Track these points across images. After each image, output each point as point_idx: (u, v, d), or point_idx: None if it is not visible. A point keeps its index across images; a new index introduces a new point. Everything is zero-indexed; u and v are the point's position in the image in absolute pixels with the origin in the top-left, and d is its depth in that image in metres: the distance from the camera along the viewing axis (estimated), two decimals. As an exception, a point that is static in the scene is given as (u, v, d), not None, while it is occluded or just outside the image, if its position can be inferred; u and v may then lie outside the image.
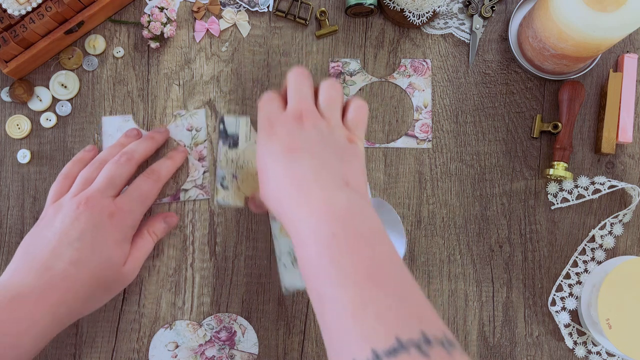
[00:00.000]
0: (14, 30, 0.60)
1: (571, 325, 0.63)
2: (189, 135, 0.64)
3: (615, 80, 0.63)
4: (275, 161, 0.49)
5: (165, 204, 0.64)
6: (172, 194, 0.64)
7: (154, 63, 0.66)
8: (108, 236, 0.54)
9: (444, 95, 0.66)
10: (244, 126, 0.62)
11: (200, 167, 0.64)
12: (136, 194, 0.57)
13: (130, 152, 0.59)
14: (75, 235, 0.53)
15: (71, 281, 0.52)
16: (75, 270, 0.52)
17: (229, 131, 0.62)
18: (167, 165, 0.61)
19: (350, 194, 0.47)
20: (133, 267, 0.57)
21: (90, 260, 0.53)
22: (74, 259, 0.52)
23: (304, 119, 0.50)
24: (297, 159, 0.48)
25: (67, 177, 0.59)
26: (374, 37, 0.66)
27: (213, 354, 0.63)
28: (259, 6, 0.66)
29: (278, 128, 0.50)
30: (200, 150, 0.64)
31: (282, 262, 0.60)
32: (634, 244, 0.64)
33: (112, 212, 0.55)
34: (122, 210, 0.56)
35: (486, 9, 0.65)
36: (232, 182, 0.62)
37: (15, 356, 0.49)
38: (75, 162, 0.61)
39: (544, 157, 0.65)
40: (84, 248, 0.53)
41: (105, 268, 0.54)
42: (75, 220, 0.54)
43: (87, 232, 0.53)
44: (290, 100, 0.52)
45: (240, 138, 0.62)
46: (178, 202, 0.64)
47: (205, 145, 0.64)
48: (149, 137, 0.62)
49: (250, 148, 0.62)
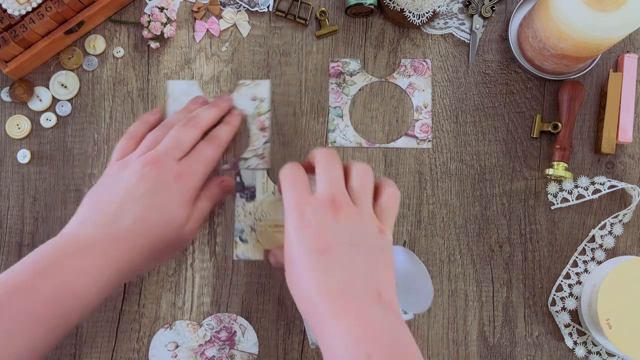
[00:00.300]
0: (14, 30, 0.60)
1: (571, 325, 0.63)
2: (252, 105, 0.65)
3: (615, 80, 0.63)
4: (307, 260, 0.48)
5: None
6: (232, 162, 0.64)
7: (154, 63, 0.66)
8: (173, 197, 0.55)
9: (444, 95, 0.66)
10: (261, 178, 0.63)
11: (261, 136, 0.64)
12: (200, 158, 0.58)
13: (197, 118, 0.59)
14: (141, 193, 0.54)
15: (136, 238, 0.53)
16: (141, 227, 0.53)
17: (245, 183, 0.63)
18: (226, 131, 0.61)
19: (385, 312, 0.47)
20: (193, 228, 0.57)
21: (155, 218, 0.54)
22: (139, 216, 0.53)
23: (338, 209, 0.49)
24: (330, 262, 0.48)
25: (133, 136, 0.59)
26: (374, 37, 0.66)
27: (213, 354, 0.63)
28: (259, 6, 0.66)
29: (310, 216, 0.49)
30: (262, 121, 0.64)
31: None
32: (634, 244, 0.64)
33: (178, 174, 0.55)
34: (187, 173, 0.56)
35: (486, 9, 0.65)
36: (250, 235, 0.63)
37: (77, 306, 0.50)
38: (141, 122, 0.61)
39: (544, 157, 0.65)
40: (149, 206, 0.54)
41: (169, 228, 0.55)
42: (142, 179, 0.54)
43: (153, 191, 0.54)
44: (321, 183, 0.51)
45: (257, 190, 0.63)
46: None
47: (267, 116, 0.65)
48: (215, 105, 0.62)
49: (267, 200, 0.63)
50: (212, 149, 0.59)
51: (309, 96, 0.65)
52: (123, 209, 0.53)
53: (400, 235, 0.64)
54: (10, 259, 0.64)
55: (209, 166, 0.58)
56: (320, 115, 0.65)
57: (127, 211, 0.53)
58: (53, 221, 0.64)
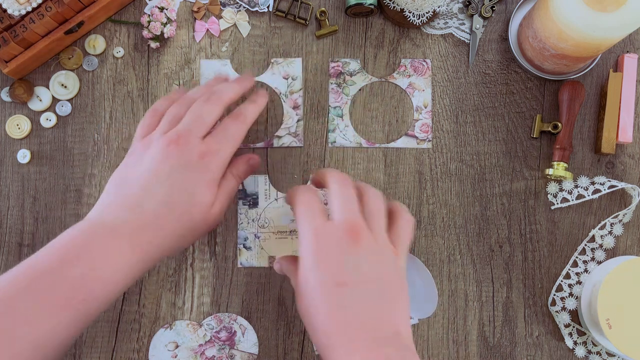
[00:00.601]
0: (14, 30, 0.60)
1: (571, 325, 0.63)
2: (284, 83, 0.65)
3: (615, 80, 0.63)
4: (323, 293, 0.47)
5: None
6: (266, 140, 0.64)
7: (154, 63, 0.66)
8: (198, 176, 0.53)
9: (444, 95, 0.66)
10: (263, 184, 0.63)
11: (294, 115, 0.64)
12: (225, 135, 0.55)
13: (219, 92, 0.57)
14: (166, 174, 0.52)
15: (162, 221, 0.51)
16: (166, 210, 0.51)
17: (247, 190, 0.63)
18: (252, 108, 0.59)
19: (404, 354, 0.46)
20: (220, 208, 0.55)
21: (180, 200, 0.52)
22: (164, 199, 0.52)
23: (357, 237, 0.48)
24: (347, 297, 0.47)
25: (156, 112, 0.57)
26: (374, 37, 0.66)
27: (213, 354, 0.63)
28: (259, 6, 0.66)
29: (328, 246, 0.48)
30: (295, 99, 0.64)
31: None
32: (634, 244, 0.64)
33: (202, 152, 0.53)
34: (211, 151, 0.54)
35: (486, 9, 0.65)
36: (254, 242, 0.63)
37: (103, 291, 0.49)
38: (166, 98, 0.59)
39: (544, 157, 0.65)
40: (174, 187, 0.52)
41: (195, 209, 0.53)
42: (166, 159, 0.52)
43: (178, 171, 0.52)
44: (338, 210, 0.50)
45: (259, 197, 0.63)
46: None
47: (300, 94, 0.65)
48: (237, 81, 0.60)
49: (270, 206, 0.63)
50: (237, 126, 0.56)
51: (309, 96, 0.65)
52: (148, 191, 0.52)
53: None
54: (10, 259, 0.64)
55: (235, 144, 0.56)
56: (320, 115, 0.65)
57: (152, 193, 0.52)
58: (53, 221, 0.64)
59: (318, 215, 0.50)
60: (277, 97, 0.65)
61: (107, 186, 0.54)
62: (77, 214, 0.64)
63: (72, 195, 0.65)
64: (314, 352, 0.63)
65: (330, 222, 0.50)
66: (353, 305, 0.47)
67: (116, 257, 0.49)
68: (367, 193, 0.52)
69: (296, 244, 0.63)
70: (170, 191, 0.52)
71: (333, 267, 0.48)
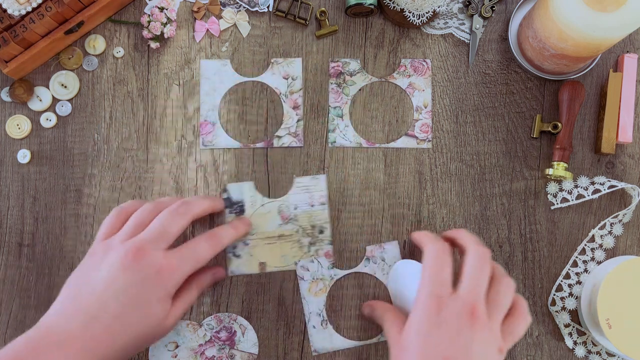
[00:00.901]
0: (14, 30, 0.60)
1: (571, 325, 0.63)
2: (284, 83, 0.65)
3: (615, 80, 0.63)
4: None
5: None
6: (266, 140, 0.64)
7: (154, 63, 0.66)
8: (153, 291, 0.52)
9: (444, 95, 0.66)
10: (248, 192, 0.63)
11: (294, 115, 0.64)
12: (190, 255, 0.55)
13: (189, 204, 0.56)
14: (121, 287, 0.52)
15: (113, 335, 0.51)
16: (118, 325, 0.51)
17: (233, 198, 0.63)
18: (230, 234, 0.59)
19: None
20: (174, 320, 0.55)
21: (133, 316, 0.52)
22: (118, 313, 0.51)
23: (475, 320, 0.50)
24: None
25: (122, 213, 0.57)
26: (374, 37, 0.66)
27: (213, 354, 0.63)
28: (259, 6, 0.66)
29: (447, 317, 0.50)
30: (295, 99, 0.64)
31: (311, 323, 0.62)
32: (634, 244, 0.64)
33: (160, 268, 0.53)
34: (171, 268, 0.53)
35: (486, 9, 0.65)
36: (243, 249, 0.63)
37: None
38: (135, 201, 0.59)
39: (544, 157, 0.65)
40: (128, 303, 0.51)
41: (147, 324, 0.53)
42: (123, 271, 0.52)
43: (133, 285, 0.52)
44: (467, 288, 0.51)
45: (246, 204, 0.63)
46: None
47: (300, 94, 0.65)
48: (212, 199, 0.60)
49: (257, 212, 0.62)
50: (207, 249, 0.56)
51: (309, 96, 0.65)
52: (102, 302, 0.51)
53: (400, 235, 0.64)
54: (10, 259, 0.64)
55: (199, 265, 0.55)
56: (320, 115, 0.65)
57: (106, 305, 0.51)
58: (53, 221, 0.64)
59: (446, 285, 0.52)
60: (277, 97, 0.65)
61: (63, 290, 0.54)
62: (77, 214, 0.64)
63: (72, 195, 0.65)
64: (314, 353, 0.63)
65: (455, 294, 0.51)
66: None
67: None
68: (501, 282, 0.53)
69: (285, 249, 0.63)
70: (124, 306, 0.51)
71: (445, 340, 0.50)
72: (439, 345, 0.50)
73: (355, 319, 0.63)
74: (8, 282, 0.64)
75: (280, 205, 0.63)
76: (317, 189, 0.64)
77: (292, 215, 0.63)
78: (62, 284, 0.63)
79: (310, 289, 0.62)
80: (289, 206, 0.63)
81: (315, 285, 0.63)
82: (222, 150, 0.65)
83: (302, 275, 0.63)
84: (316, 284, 0.63)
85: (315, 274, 0.63)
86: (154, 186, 0.65)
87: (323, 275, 0.63)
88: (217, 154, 0.65)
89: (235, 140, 0.65)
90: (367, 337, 0.63)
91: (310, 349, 0.63)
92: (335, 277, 0.63)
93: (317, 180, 0.64)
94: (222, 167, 0.64)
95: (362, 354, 0.63)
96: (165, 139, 0.65)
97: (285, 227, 0.63)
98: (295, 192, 0.64)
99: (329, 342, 0.62)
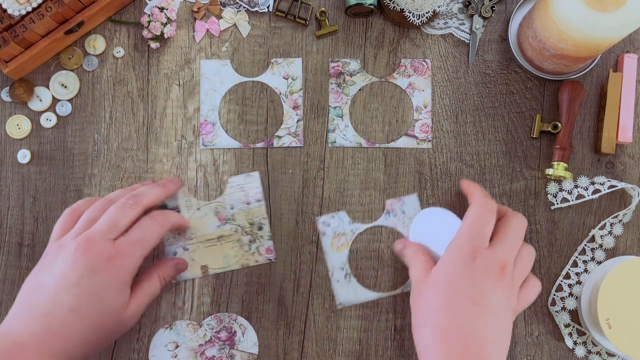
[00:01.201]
0: (14, 30, 0.60)
1: (571, 325, 0.63)
2: (284, 83, 0.65)
3: (615, 80, 0.63)
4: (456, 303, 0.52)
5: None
6: (266, 140, 0.64)
7: (154, 63, 0.66)
8: (106, 281, 0.52)
9: (444, 95, 0.66)
10: (183, 197, 0.63)
11: (294, 115, 0.64)
12: (138, 237, 0.55)
13: (138, 196, 0.57)
14: (73, 281, 0.51)
15: (71, 329, 0.51)
16: (75, 318, 0.51)
17: (168, 205, 0.63)
18: (173, 216, 0.59)
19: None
20: (136, 311, 0.55)
21: (89, 307, 0.51)
22: (73, 306, 0.51)
23: (503, 276, 0.53)
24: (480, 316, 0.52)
25: (74, 213, 0.57)
26: (374, 37, 0.66)
27: (213, 354, 0.63)
28: (259, 6, 0.66)
29: (479, 266, 0.53)
30: (295, 99, 0.64)
31: (334, 277, 0.62)
32: (634, 244, 0.64)
33: (110, 256, 0.52)
34: (122, 254, 0.53)
35: (486, 9, 0.65)
36: (184, 255, 0.63)
37: None
38: (87, 200, 0.59)
39: (544, 157, 0.65)
40: (82, 294, 0.51)
41: (105, 314, 0.52)
42: (74, 264, 0.52)
43: (85, 277, 0.51)
44: (501, 246, 0.54)
45: (181, 209, 0.63)
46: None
47: (300, 94, 0.65)
48: (162, 185, 0.60)
49: (194, 217, 0.63)
50: (154, 228, 0.56)
51: (309, 96, 0.65)
52: (56, 298, 0.51)
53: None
54: (10, 259, 0.64)
55: (149, 245, 0.55)
56: (320, 115, 0.65)
57: (59, 301, 0.51)
58: (53, 221, 0.64)
59: (485, 238, 0.55)
60: (277, 97, 0.65)
61: (19, 293, 0.53)
62: (77, 214, 0.64)
63: (72, 195, 0.65)
64: (339, 306, 0.63)
65: (491, 249, 0.54)
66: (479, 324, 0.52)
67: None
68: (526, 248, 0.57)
69: (226, 249, 0.63)
70: (78, 299, 0.51)
71: (472, 284, 0.53)
72: (466, 287, 0.52)
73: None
74: (8, 282, 0.64)
75: (217, 206, 0.64)
76: (251, 186, 0.64)
77: (229, 215, 0.63)
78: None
79: (332, 244, 0.63)
80: (225, 206, 0.64)
81: (337, 240, 0.63)
82: (222, 150, 0.65)
83: (324, 230, 0.63)
84: (338, 238, 0.63)
85: (336, 229, 0.64)
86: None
87: (344, 230, 0.64)
88: (217, 154, 0.65)
89: (235, 140, 0.65)
90: (389, 288, 0.63)
91: (310, 349, 0.63)
92: (356, 231, 0.64)
93: (251, 177, 0.64)
94: (222, 167, 0.65)
95: (362, 353, 0.63)
96: (165, 139, 0.65)
97: (224, 228, 0.63)
98: (229, 192, 0.64)
99: (354, 295, 0.63)
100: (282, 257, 0.64)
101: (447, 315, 0.52)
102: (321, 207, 0.64)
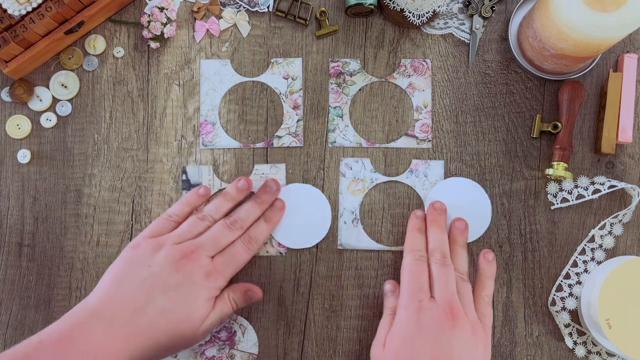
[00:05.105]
0: (14, 30, 0.60)
1: (571, 325, 0.63)
2: (284, 83, 0.65)
3: (615, 80, 0.63)
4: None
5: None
6: (266, 140, 0.64)
7: (154, 63, 0.66)
8: (200, 293, 0.55)
9: (444, 95, 0.66)
10: (207, 175, 0.63)
11: (294, 115, 0.64)
12: (231, 259, 0.58)
13: (242, 221, 0.60)
14: (172, 285, 0.54)
15: (156, 330, 0.53)
16: (163, 320, 0.53)
17: (192, 181, 0.63)
18: (266, 230, 0.62)
19: None
20: (208, 327, 0.57)
21: (178, 313, 0.54)
22: (164, 309, 0.53)
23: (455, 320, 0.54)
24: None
25: (171, 219, 0.60)
26: (374, 37, 0.66)
27: (213, 354, 0.63)
28: (259, 6, 0.66)
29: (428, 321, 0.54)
30: (295, 99, 0.65)
31: (342, 218, 0.63)
32: (634, 244, 0.64)
33: (209, 272, 0.56)
34: (217, 272, 0.57)
35: (486, 9, 0.65)
36: None
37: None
38: (184, 204, 0.61)
39: (544, 157, 0.65)
40: (177, 299, 0.54)
41: (187, 323, 0.55)
42: (175, 271, 0.55)
43: (183, 285, 0.55)
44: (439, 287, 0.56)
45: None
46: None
47: (300, 94, 0.65)
48: (261, 202, 0.62)
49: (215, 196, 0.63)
50: (245, 252, 0.59)
51: (309, 96, 0.65)
52: (150, 296, 0.54)
53: (401, 235, 0.64)
54: (10, 259, 0.64)
55: (238, 268, 0.59)
56: (320, 115, 0.65)
57: (154, 300, 0.53)
58: (53, 221, 0.64)
59: (424, 290, 0.56)
60: (277, 97, 0.65)
61: (107, 276, 0.55)
62: (77, 214, 0.64)
63: (72, 195, 0.65)
64: (339, 246, 0.63)
65: (433, 300, 0.55)
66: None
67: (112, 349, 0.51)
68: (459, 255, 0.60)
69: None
70: (171, 303, 0.54)
71: (428, 342, 0.53)
72: (424, 347, 0.53)
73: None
74: (8, 282, 0.64)
75: None
76: (276, 177, 0.64)
77: None
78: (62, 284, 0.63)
79: (349, 187, 0.64)
80: None
81: (355, 184, 0.64)
82: (222, 150, 0.65)
83: (344, 172, 0.64)
84: (356, 183, 0.64)
85: (357, 173, 0.64)
86: (154, 186, 0.65)
87: (364, 177, 0.64)
88: (217, 154, 0.65)
89: (235, 140, 0.65)
90: (392, 243, 0.64)
91: (310, 349, 0.63)
92: (375, 181, 0.64)
93: (277, 168, 0.64)
94: (222, 167, 0.65)
95: (362, 354, 0.63)
96: (165, 139, 0.65)
97: None
98: (253, 179, 0.64)
99: (356, 240, 0.63)
100: (282, 256, 0.64)
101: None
102: (321, 207, 0.64)
